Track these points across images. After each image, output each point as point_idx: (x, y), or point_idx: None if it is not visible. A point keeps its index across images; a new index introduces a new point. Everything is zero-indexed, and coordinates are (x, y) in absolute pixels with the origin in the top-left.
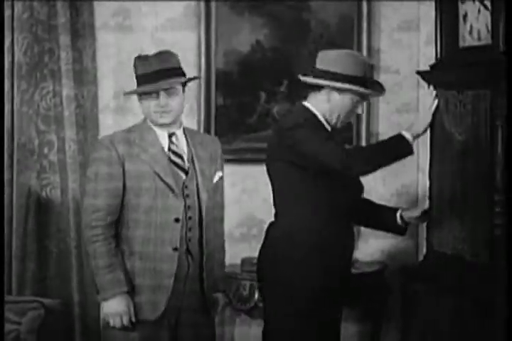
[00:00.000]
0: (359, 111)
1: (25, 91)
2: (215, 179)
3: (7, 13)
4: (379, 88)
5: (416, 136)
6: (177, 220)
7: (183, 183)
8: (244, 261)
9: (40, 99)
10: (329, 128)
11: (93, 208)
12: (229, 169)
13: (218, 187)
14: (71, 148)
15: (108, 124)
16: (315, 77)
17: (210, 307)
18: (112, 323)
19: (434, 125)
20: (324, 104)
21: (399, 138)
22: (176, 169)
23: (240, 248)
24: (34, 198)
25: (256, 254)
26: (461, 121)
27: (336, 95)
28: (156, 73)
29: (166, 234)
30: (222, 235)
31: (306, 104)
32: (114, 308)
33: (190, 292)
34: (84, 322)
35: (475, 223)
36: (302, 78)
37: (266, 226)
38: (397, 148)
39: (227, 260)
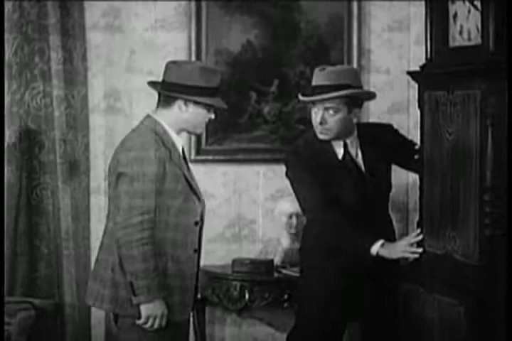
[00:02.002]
0: None
1: (16, 92)
2: None
3: None
4: None
5: (380, 256)
6: (196, 223)
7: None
8: (234, 262)
9: (30, 100)
10: (340, 156)
11: (141, 209)
12: (220, 169)
13: None
14: (61, 148)
15: (98, 125)
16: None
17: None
18: (150, 324)
19: (425, 124)
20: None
21: (368, 244)
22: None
23: (231, 248)
24: (24, 199)
25: (247, 255)
26: (451, 121)
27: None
28: (218, 88)
29: (189, 236)
30: None
31: None
32: (158, 310)
33: None
34: (74, 323)
35: (465, 223)
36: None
37: (256, 226)
38: (358, 247)
39: (218, 261)
